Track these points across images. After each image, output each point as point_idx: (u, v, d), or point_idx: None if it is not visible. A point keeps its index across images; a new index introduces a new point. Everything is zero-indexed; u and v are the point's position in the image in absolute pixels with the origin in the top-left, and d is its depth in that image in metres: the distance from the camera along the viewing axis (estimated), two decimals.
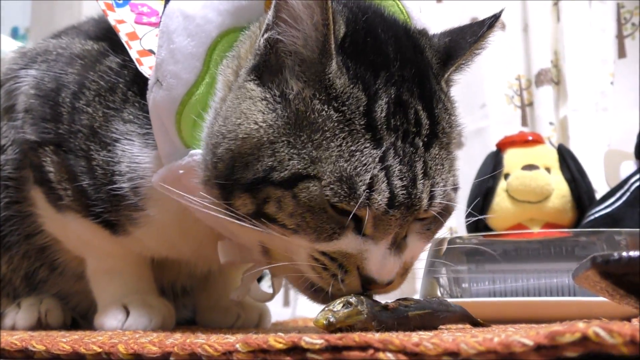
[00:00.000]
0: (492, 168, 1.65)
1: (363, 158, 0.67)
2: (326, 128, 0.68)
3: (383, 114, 0.69)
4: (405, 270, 0.76)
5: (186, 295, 1.12)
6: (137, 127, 0.86)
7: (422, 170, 0.70)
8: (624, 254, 0.54)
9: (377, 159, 0.68)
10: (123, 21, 0.90)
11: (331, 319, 0.65)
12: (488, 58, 2.18)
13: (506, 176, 1.65)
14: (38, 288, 1.06)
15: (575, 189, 1.62)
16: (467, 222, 1.68)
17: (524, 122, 2.17)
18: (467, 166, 2.02)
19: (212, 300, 1.07)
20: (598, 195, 1.73)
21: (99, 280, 0.98)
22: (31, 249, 1.03)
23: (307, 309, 1.91)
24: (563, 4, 2.12)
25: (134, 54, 0.86)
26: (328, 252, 0.71)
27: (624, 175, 1.61)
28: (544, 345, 0.43)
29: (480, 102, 2.16)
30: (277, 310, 1.80)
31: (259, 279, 1.12)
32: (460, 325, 0.86)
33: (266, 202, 0.70)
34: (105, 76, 0.90)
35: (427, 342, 0.48)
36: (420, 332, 0.70)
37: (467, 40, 0.80)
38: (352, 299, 0.68)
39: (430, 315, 0.76)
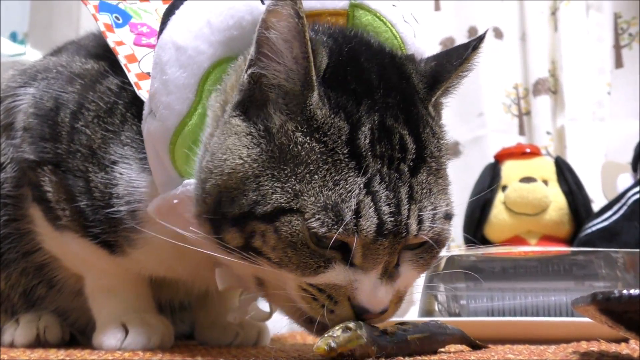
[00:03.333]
0: (490, 180, 1.66)
1: (348, 186, 0.67)
2: (309, 161, 0.68)
3: (367, 141, 0.69)
4: (399, 299, 0.75)
5: (184, 310, 1.11)
6: (135, 150, 0.86)
7: (407, 196, 0.69)
8: (625, 292, 0.54)
9: (362, 186, 0.67)
10: (122, 43, 0.90)
11: (332, 345, 0.65)
12: (486, 67, 2.19)
13: (504, 188, 1.66)
14: (36, 305, 1.05)
15: (573, 202, 1.63)
16: (464, 228, 1.68)
17: (521, 131, 2.19)
18: (464, 174, 2.03)
19: (210, 317, 1.07)
20: (595, 205, 1.74)
21: (98, 299, 0.97)
22: (29, 266, 1.02)
23: None
24: (561, 14, 2.13)
25: (132, 78, 0.86)
26: (315, 284, 0.71)
27: (620, 187, 1.61)
28: None
29: (478, 110, 2.17)
30: (273, 317, 1.79)
31: None
32: (459, 347, 0.86)
33: (252, 236, 0.70)
34: (104, 97, 0.89)
35: None
36: (419, 358, 0.71)
37: (452, 63, 0.79)
38: (351, 324, 0.68)
39: (429, 339, 0.77)
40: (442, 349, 0.81)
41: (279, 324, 1.48)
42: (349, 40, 0.76)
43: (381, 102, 0.72)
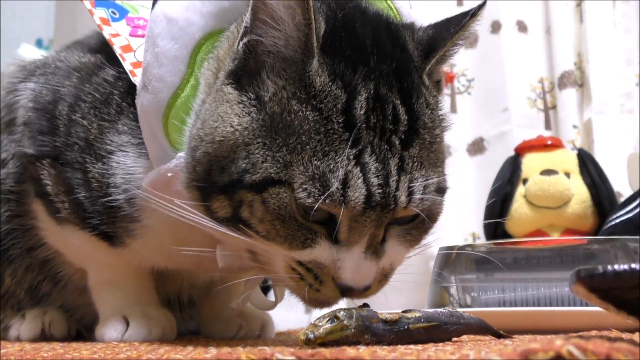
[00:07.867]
0: (510, 173, 1.62)
1: (337, 157, 0.66)
2: (302, 130, 0.67)
3: (362, 111, 0.68)
4: (384, 277, 0.74)
5: (193, 307, 1.11)
6: (131, 137, 0.86)
7: (397, 167, 0.68)
8: (609, 267, 0.51)
9: (352, 157, 0.66)
10: (118, 34, 0.90)
11: (310, 335, 0.64)
12: (510, 61, 2.15)
13: (525, 181, 1.62)
14: (42, 301, 1.06)
15: (596, 194, 1.59)
16: (485, 223, 1.65)
17: (547, 126, 2.14)
18: (490, 171, 2.00)
19: (215, 310, 1.06)
20: (623, 199, 1.69)
21: (100, 292, 0.98)
22: (34, 262, 1.03)
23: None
24: (586, 5, 2.09)
25: (127, 66, 0.86)
26: (303, 261, 0.70)
27: None
28: None
29: (503, 105, 2.12)
30: (297, 317, 1.78)
31: (266, 290, 1.11)
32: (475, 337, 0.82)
33: (240, 205, 0.69)
34: (100, 88, 0.90)
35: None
36: (411, 346, 0.69)
37: (449, 30, 0.77)
38: (341, 313, 0.66)
39: (437, 328, 0.73)
40: (457, 338, 0.77)
41: (289, 320, 1.46)
42: (343, 6, 0.75)
43: (376, 70, 0.71)
